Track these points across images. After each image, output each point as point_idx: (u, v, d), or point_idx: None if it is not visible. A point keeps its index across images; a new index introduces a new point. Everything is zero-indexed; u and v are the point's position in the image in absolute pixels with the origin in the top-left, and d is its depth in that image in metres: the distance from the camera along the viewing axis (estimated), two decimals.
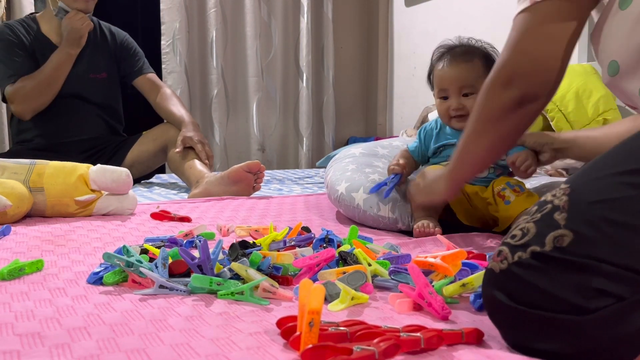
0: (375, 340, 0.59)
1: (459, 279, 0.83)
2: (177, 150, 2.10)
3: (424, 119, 2.83)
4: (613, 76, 0.82)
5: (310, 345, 0.58)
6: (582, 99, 2.06)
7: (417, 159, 1.42)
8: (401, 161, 1.39)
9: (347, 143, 3.56)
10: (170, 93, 2.33)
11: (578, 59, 2.37)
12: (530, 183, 1.43)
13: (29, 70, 2.15)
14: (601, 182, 0.61)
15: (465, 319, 0.73)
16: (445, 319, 0.72)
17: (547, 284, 0.57)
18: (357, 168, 1.49)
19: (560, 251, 0.58)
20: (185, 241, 1.12)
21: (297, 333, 0.61)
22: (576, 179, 0.64)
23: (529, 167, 1.21)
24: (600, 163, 0.65)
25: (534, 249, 0.59)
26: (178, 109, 2.25)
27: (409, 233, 1.30)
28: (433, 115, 2.63)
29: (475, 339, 0.64)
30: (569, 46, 0.87)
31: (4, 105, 2.72)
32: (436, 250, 1.09)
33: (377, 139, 2.92)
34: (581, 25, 0.87)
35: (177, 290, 0.82)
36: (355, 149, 1.64)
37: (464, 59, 1.30)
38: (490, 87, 0.96)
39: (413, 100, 3.38)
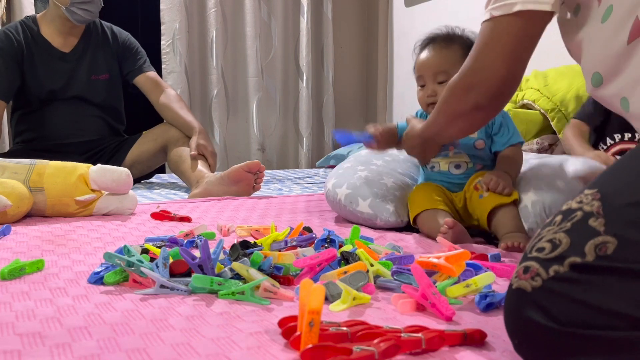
0: (376, 341, 0.59)
1: (463, 280, 0.83)
2: (193, 152, 2.07)
3: None
4: (597, 87, 0.83)
5: (310, 345, 0.58)
6: (582, 100, 2.05)
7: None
8: (381, 129, 1.32)
9: None
10: (175, 95, 2.30)
11: None
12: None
13: (4, 83, 2.11)
14: (636, 184, 0.56)
15: (469, 320, 0.73)
16: (449, 319, 0.72)
17: (598, 299, 0.50)
18: (351, 166, 1.50)
19: (606, 259, 0.52)
20: (185, 241, 1.12)
21: (298, 333, 0.61)
22: (603, 183, 0.59)
23: (500, 186, 1.20)
24: (626, 166, 0.61)
25: (573, 260, 0.53)
26: (185, 113, 2.23)
27: (403, 231, 1.30)
28: None
29: (478, 340, 0.64)
30: (518, 62, 0.92)
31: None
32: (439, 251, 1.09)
33: None
34: (534, 42, 0.90)
35: (177, 290, 0.82)
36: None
37: (441, 45, 1.30)
38: (454, 89, 1.02)
39: (413, 100, 3.35)
